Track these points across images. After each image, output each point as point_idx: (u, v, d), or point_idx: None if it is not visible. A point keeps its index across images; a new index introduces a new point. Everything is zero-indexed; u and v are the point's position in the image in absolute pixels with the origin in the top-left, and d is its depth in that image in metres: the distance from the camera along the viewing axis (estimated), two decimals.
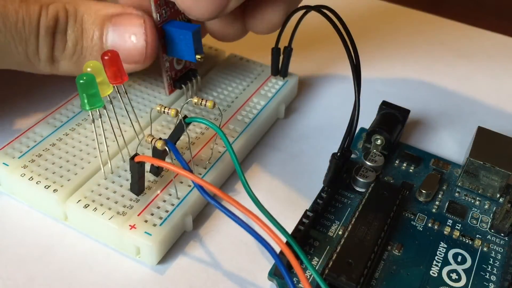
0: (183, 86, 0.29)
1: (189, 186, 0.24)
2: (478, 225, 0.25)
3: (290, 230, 0.22)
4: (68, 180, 0.24)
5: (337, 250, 0.21)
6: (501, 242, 0.24)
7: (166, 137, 0.25)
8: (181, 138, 0.25)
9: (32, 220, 0.24)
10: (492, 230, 0.25)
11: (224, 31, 0.29)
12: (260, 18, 0.28)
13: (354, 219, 0.23)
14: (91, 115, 0.23)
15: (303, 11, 0.27)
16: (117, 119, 0.25)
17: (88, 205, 0.23)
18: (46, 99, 0.30)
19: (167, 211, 0.23)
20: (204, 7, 0.24)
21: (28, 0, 0.24)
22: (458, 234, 0.24)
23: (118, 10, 0.26)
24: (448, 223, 0.25)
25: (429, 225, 0.25)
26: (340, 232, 0.24)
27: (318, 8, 0.25)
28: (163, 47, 0.27)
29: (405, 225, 0.24)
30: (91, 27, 0.25)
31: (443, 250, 0.24)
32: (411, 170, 0.27)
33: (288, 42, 0.30)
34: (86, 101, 0.22)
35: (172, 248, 0.23)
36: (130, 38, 0.26)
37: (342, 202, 0.25)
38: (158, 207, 0.23)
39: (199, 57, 0.27)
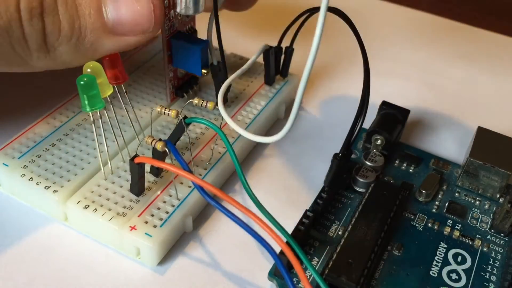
0: (185, 94, 0.29)
1: (189, 187, 0.24)
2: (478, 225, 0.25)
3: (290, 230, 0.22)
4: (68, 181, 0.24)
5: (337, 250, 0.21)
6: (501, 242, 0.24)
7: (166, 137, 0.25)
8: (181, 138, 0.25)
9: (32, 220, 0.24)
10: (492, 230, 0.25)
11: None
12: None
13: (354, 219, 0.23)
14: (91, 115, 0.23)
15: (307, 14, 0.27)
16: (117, 120, 0.25)
17: (88, 206, 0.23)
18: (45, 99, 0.29)
19: (167, 212, 0.23)
20: None
21: None
22: (458, 234, 0.24)
23: None
24: (448, 223, 0.25)
25: (429, 225, 0.25)
26: (340, 232, 0.24)
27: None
28: (169, 57, 0.27)
29: (405, 225, 0.24)
30: (85, 0, 0.22)
31: (443, 250, 0.24)
32: (411, 170, 0.27)
33: (290, 42, 0.29)
34: (86, 102, 0.22)
35: (172, 248, 0.23)
36: (134, 5, 0.22)
37: (342, 202, 0.25)
38: (159, 208, 0.23)
39: (205, 71, 0.27)
